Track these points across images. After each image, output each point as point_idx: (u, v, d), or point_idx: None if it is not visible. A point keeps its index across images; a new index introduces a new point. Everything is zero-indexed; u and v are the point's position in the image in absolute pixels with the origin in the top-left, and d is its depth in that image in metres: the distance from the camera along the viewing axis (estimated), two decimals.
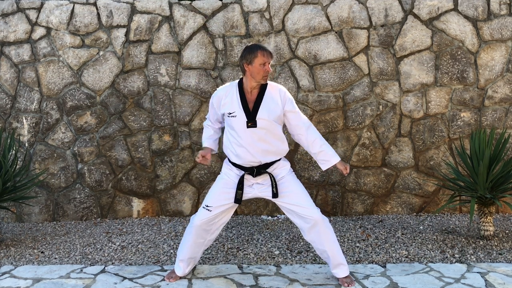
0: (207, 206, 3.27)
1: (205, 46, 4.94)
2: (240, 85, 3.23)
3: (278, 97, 3.21)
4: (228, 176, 3.29)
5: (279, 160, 3.28)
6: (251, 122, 3.13)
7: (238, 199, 3.23)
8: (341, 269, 3.30)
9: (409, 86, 4.88)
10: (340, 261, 3.30)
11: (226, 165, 3.34)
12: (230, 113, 3.17)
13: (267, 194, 3.27)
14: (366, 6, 4.86)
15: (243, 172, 3.24)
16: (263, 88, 3.22)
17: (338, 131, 4.94)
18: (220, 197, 3.27)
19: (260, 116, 3.13)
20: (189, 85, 4.97)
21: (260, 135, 3.15)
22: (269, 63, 3.16)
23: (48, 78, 5.02)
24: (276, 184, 3.22)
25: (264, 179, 3.26)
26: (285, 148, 3.27)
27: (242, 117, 3.14)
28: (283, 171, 3.29)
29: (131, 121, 5.02)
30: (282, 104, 3.20)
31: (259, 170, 3.21)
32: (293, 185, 3.27)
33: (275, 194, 3.23)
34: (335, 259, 3.28)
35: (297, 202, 3.22)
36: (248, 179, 3.25)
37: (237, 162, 3.22)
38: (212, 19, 4.93)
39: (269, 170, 3.24)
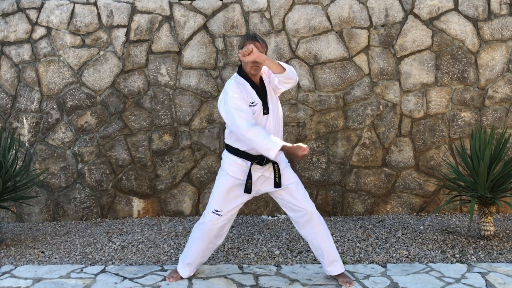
0: (217, 211, 3.22)
1: (205, 46, 4.94)
2: (243, 75, 3.19)
3: (267, 78, 3.28)
4: (232, 173, 3.22)
5: None
6: (266, 108, 3.16)
7: (248, 188, 3.18)
8: (336, 266, 3.30)
9: (410, 86, 4.88)
10: (335, 258, 3.29)
11: (228, 160, 3.26)
12: (252, 103, 3.13)
13: (269, 186, 3.25)
14: (366, 6, 4.86)
15: (249, 162, 3.18)
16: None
17: (339, 131, 4.94)
18: (228, 200, 3.22)
19: (270, 101, 3.18)
20: (190, 85, 4.97)
21: (271, 120, 3.19)
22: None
23: (48, 78, 5.02)
24: (279, 174, 3.21)
25: (269, 170, 3.23)
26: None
27: (259, 105, 3.15)
28: (282, 161, 3.29)
29: (131, 121, 5.01)
30: (271, 83, 3.26)
31: (267, 158, 3.17)
32: (291, 178, 3.28)
33: (278, 184, 3.21)
34: (329, 255, 3.27)
35: (293, 194, 3.23)
36: (256, 169, 3.20)
37: (250, 152, 3.17)
38: (212, 19, 4.93)
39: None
